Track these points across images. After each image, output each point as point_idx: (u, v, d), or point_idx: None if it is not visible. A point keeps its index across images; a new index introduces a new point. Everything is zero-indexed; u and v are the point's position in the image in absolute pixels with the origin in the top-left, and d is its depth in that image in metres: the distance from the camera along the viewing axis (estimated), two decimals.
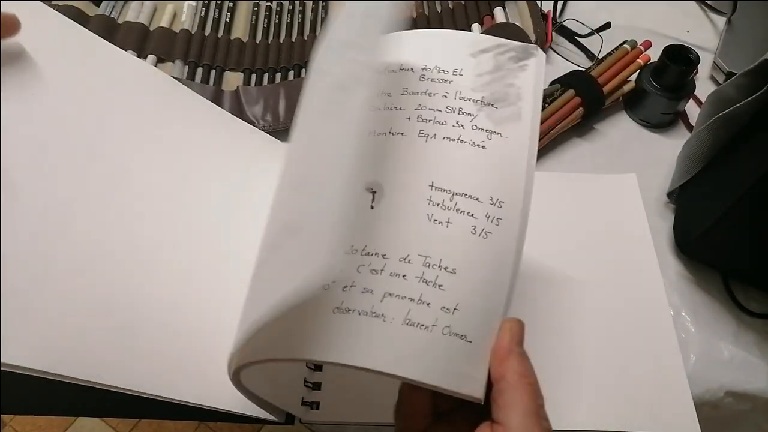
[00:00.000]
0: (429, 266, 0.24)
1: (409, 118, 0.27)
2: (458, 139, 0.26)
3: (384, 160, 0.26)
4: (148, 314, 0.29)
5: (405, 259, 0.24)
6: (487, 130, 0.27)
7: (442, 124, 0.27)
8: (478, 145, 0.26)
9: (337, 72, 0.25)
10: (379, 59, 0.28)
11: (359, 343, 0.23)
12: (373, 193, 0.26)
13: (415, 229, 0.25)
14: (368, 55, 0.25)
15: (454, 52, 0.29)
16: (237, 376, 0.26)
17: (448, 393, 0.23)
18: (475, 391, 0.23)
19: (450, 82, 0.28)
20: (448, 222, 0.25)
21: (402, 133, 0.27)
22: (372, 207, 0.25)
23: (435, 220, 0.25)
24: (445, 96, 0.27)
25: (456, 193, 0.25)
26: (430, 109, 0.27)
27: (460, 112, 0.27)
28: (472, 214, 0.25)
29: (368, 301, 0.23)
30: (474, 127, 0.27)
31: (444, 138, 0.27)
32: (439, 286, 0.24)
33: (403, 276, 0.24)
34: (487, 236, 0.25)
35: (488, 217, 0.25)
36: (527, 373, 0.23)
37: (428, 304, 0.23)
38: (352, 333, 0.23)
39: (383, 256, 0.24)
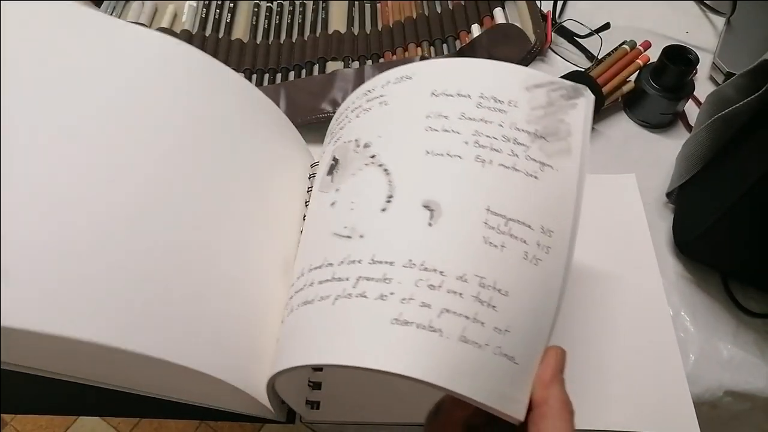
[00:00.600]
0: (484, 287, 0.25)
1: (467, 143, 0.28)
2: (513, 168, 0.27)
3: (441, 180, 0.28)
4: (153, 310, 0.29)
5: (461, 277, 0.25)
6: (539, 161, 0.28)
7: (498, 151, 0.28)
8: (531, 175, 0.27)
9: None
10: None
11: (416, 355, 0.23)
12: (431, 210, 0.27)
13: (472, 249, 0.26)
14: None
15: (509, 85, 0.30)
16: (273, 381, 0.27)
17: (493, 412, 0.23)
18: (518, 412, 0.24)
19: (506, 112, 0.29)
20: (502, 246, 0.26)
21: (459, 156, 0.28)
22: (430, 224, 0.26)
23: (490, 242, 0.26)
24: (501, 125, 0.29)
25: (510, 219, 0.26)
26: (487, 136, 0.28)
27: (515, 142, 0.28)
28: (525, 241, 0.26)
29: (426, 315, 0.24)
30: (528, 158, 0.28)
31: (499, 165, 0.28)
32: (493, 307, 0.25)
33: (460, 294, 0.25)
34: (537, 263, 0.26)
35: (539, 245, 0.26)
36: (568, 401, 0.24)
37: (482, 323, 0.24)
38: (409, 345, 0.24)
39: (441, 273, 0.25)
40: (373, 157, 0.30)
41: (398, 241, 0.26)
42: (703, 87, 0.53)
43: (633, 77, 0.51)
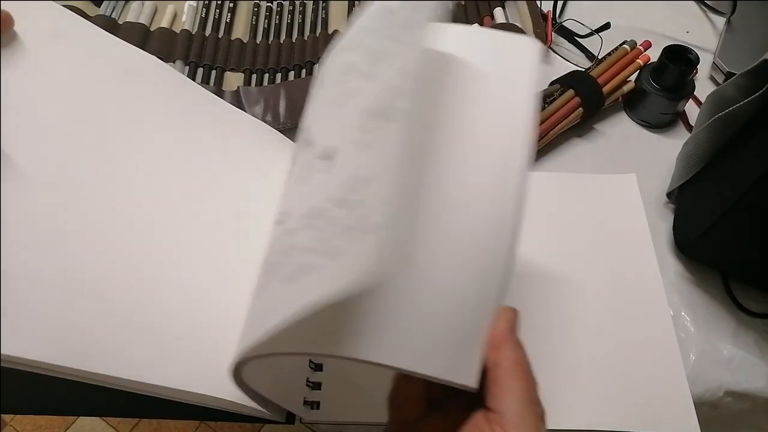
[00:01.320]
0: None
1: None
2: None
3: (335, 126, 0.26)
4: (153, 306, 0.29)
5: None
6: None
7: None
8: None
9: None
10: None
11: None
12: (329, 159, 0.25)
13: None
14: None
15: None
16: (239, 372, 0.26)
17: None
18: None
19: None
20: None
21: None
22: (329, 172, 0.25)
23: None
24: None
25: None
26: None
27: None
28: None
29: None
30: None
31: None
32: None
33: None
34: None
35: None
36: (522, 360, 0.23)
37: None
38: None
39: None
40: (306, 137, 0.29)
41: (302, 205, 0.25)
42: (704, 87, 0.53)
43: (633, 77, 0.51)
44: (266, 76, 0.54)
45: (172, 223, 0.32)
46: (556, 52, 0.57)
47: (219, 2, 0.59)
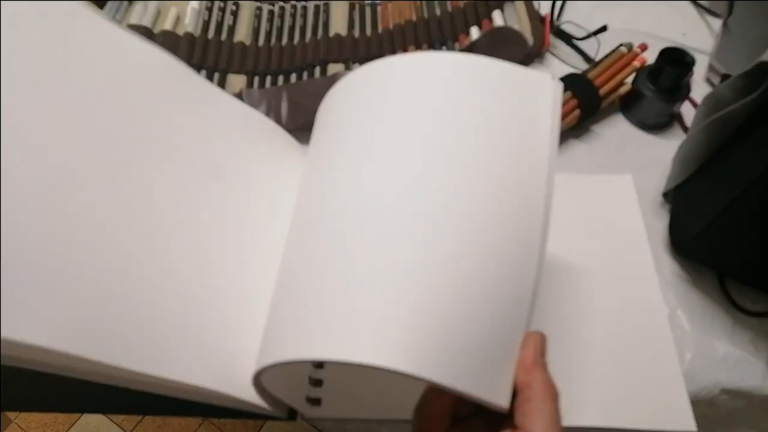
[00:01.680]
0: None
1: None
2: None
3: None
4: (160, 303, 0.29)
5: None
6: None
7: None
8: None
9: None
10: None
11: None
12: None
13: None
14: None
15: None
16: (259, 377, 0.27)
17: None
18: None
19: None
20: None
21: None
22: None
23: None
24: None
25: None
26: None
27: None
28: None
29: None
30: None
31: None
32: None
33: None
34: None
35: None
36: (551, 384, 0.24)
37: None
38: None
39: None
40: None
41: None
42: (700, 89, 0.54)
43: (630, 79, 0.52)
44: (268, 78, 0.55)
45: (184, 220, 0.31)
46: (553, 55, 0.57)
47: (222, 5, 0.60)
